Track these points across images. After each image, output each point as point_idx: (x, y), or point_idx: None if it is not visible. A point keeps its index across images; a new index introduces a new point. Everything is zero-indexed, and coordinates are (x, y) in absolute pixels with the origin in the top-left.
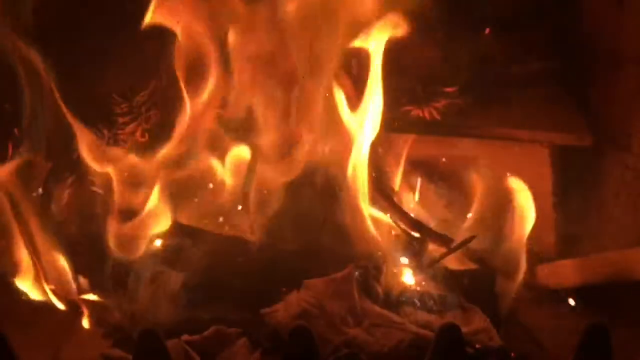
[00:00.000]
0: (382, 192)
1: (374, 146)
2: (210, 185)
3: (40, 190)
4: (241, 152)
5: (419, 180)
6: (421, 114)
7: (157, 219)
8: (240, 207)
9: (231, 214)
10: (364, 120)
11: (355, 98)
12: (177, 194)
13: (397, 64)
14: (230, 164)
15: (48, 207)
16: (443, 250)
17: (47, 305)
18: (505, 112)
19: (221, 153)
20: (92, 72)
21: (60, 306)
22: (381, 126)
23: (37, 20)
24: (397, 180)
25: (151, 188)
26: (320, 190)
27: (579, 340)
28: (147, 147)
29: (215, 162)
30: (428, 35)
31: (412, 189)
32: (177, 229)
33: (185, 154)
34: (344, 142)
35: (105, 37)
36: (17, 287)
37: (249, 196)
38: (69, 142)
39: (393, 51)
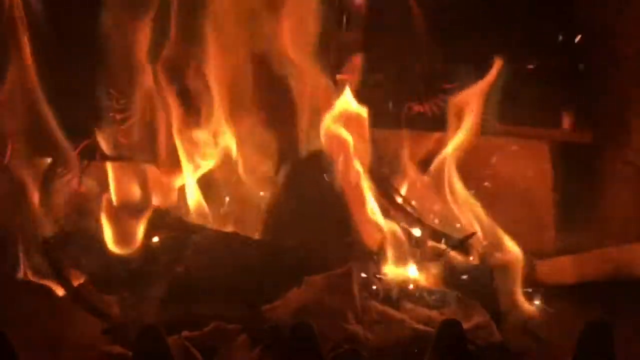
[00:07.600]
0: (382, 189)
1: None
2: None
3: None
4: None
5: (419, 177)
6: (422, 111)
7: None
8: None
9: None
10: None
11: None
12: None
13: (399, 61)
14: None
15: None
16: (443, 246)
17: (47, 303)
18: (506, 108)
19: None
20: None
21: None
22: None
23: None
24: (397, 177)
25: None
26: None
27: (580, 337)
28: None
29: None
30: (429, 33)
31: (413, 185)
32: (177, 225)
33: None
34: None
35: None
36: (16, 284)
37: None
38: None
39: (394, 49)
